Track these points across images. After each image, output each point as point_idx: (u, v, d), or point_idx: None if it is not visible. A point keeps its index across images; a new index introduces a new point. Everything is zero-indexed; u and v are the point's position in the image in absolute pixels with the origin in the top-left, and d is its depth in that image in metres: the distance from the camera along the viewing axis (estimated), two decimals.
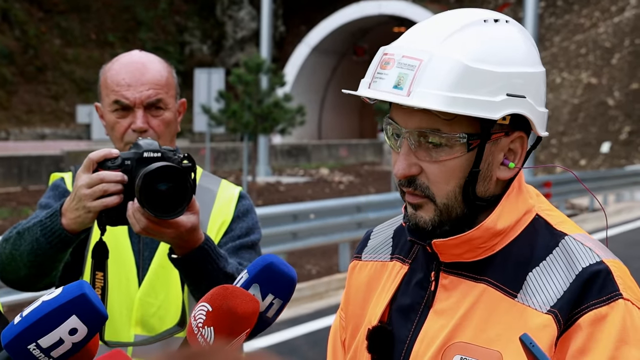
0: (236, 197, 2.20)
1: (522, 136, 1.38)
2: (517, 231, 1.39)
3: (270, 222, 8.79)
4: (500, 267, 1.38)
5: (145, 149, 1.91)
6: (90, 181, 1.89)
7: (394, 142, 1.38)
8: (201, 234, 1.94)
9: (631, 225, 15.17)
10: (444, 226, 1.38)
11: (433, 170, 1.35)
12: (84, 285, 1.10)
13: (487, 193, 1.38)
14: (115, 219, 1.93)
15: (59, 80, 33.70)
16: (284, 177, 25.71)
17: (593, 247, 1.37)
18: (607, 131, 28.98)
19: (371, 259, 1.54)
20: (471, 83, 1.30)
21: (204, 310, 1.16)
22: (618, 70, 30.93)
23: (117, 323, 2.10)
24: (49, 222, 1.96)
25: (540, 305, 1.33)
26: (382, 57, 1.35)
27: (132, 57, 2.17)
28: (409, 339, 1.41)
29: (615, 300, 1.31)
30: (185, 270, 1.95)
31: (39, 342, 1.08)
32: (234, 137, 30.56)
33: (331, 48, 36.37)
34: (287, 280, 1.28)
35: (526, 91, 1.35)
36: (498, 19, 1.37)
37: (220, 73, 20.21)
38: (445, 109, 1.29)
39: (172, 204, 1.85)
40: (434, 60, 1.30)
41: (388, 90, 1.32)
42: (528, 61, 1.36)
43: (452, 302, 1.39)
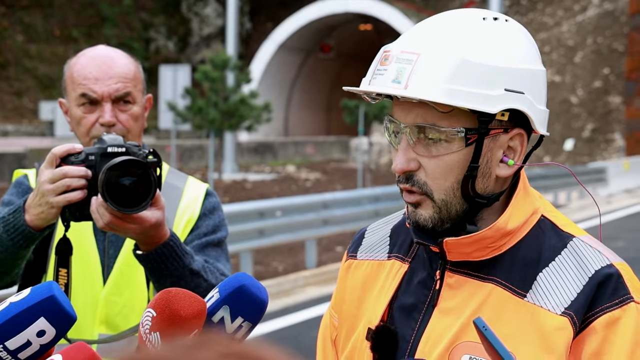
0: (203, 194, 2.19)
1: (521, 133, 1.37)
2: (525, 232, 1.39)
3: (237, 219, 8.77)
4: (508, 267, 1.37)
5: (110, 144, 1.89)
6: (53, 176, 1.87)
7: (394, 140, 1.38)
8: (166, 230, 1.93)
9: (594, 221, 15.39)
10: (445, 224, 1.37)
11: (431, 165, 1.34)
12: (52, 287, 1.09)
13: (486, 190, 1.37)
14: (79, 215, 1.91)
15: (21, 77, 33.27)
16: (250, 174, 25.66)
17: (601, 250, 1.38)
18: (570, 128, 29.35)
19: (367, 258, 1.53)
20: (469, 76, 1.30)
21: (150, 316, 1.16)
22: (581, 68, 31.33)
23: (81, 321, 2.08)
24: (12, 218, 1.93)
25: (553, 306, 1.33)
26: (382, 54, 1.36)
27: (98, 51, 2.15)
28: (413, 338, 1.40)
29: (627, 304, 1.33)
30: (150, 266, 1.94)
31: (6, 344, 1.07)
32: (200, 134, 30.42)
33: (297, 45, 36.37)
34: (257, 304, 1.27)
35: (525, 87, 1.34)
36: (497, 17, 1.37)
37: (186, 70, 20.11)
38: (442, 100, 1.28)
39: (136, 199, 1.83)
40: (432, 54, 1.30)
41: (387, 84, 1.32)
42: (527, 58, 1.36)
43: (458, 301, 1.38)
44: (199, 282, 1.98)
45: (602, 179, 20.19)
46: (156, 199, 1.87)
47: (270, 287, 8.79)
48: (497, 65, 1.32)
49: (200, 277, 1.99)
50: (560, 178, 18.13)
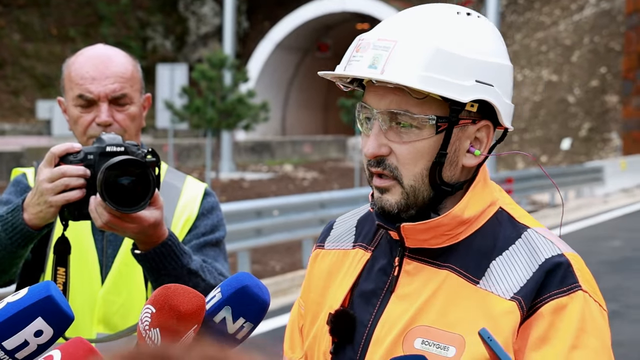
0: (201, 194, 2.19)
1: (488, 125, 1.43)
2: (481, 222, 1.44)
3: (234, 218, 8.77)
4: (463, 255, 1.42)
5: (108, 143, 1.89)
6: (51, 175, 1.87)
7: (366, 126, 1.42)
8: (165, 229, 1.93)
9: (591, 220, 15.39)
10: (410, 210, 1.42)
11: (402, 151, 1.39)
12: (50, 286, 1.09)
13: (452, 179, 1.42)
14: (78, 214, 1.91)
15: (18, 76, 33.22)
16: (247, 173, 25.65)
17: (554, 241, 1.43)
18: (567, 128, 29.36)
19: (333, 248, 1.58)
20: (443, 65, 1.35)
21: (149, 312, 1.16)
22: (578, 67, 31.35)
23: (79, 321, 2.08)
24: (10, 217, 1.93)
25: (503, 291, 1.38)
26: (357, 42, 1.40)
27: (96, 51, 2.15)
28: (371, 322, 1.46)
29: (575, 292, 1.37)
30: (148, 266, 1.94)
31: (4, 344, 1.07)
32: (197, 133, 30.41)
33: (295, 44, 36.35)
34: (259, 305, 1.27)
35: (494, 80, 1.39)
36: (470, 13, 1.43)
37: (183, 69, 20.10)
38: (418, 86, 1.34)
39: (134, 198, 1.83)
40: (408, 41, 1.35)
41: (363, 69, 1.37)
42: (496, 53, 1.42)
43: (415, 287, 1.43)
44: (197, 282, 1.98)
45: (599, 179, 20.20)
46: (155, 198, 1.87)
47: (268, 286, 8.75)
48: (469, 56, 1.37)
49: (198, 277, 1.99)
50: (556, 177, 18.13)
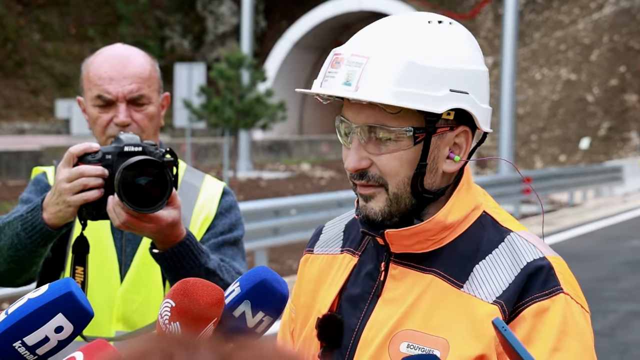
0: (220, 193, 2.20)
1: (466, 131, 1.44)
2: (465, 226, 1.46)
3: (252, 217, 8.78)
4: (447, 259, 1.44)
5: (126, 143, 1.90)
6: (70, 175, 1.89)
7: (346, 139, 1.45)
8: (183, 229, 1.94)
9: (610, 220, 15.29)
10: (394, 217, 1.44)
11: (383, 161, 1.41)
12: (70, 283, 1.09)
13: (433, 186, 1.44)
14: (96, 214, 1.92)
15: (38, 75, 33.43)
16: (265, 172, 25.67)
17: (536, 244, 1.44)
18: (586, 127, 29.18)
19: (322, 252, 1.60)
20: (416, 78, 1.37)
21: (168, 306, 1.17)
22: (597, 66, 31.15)
23: (99, 319, 2.09)
24: (30, 216, 1.94)
25: (486, 295, 1.40)
26: (333, 57, 1.42)
27: (114, 51, 2.16)
28: (358, 326, 1.48)
29: (556, 294, 1.39)
30: (166, 265, 1.94)
31: (25, 339, 1.08)
32: (215, 133, 30.47)
33: (312, 43, 36.34)
34: (278, 298, 1.28)
35: (469, 88, 1.41)
36: (442, 20, 1.44)
37: (201, 68, 20.15)
38: (391, 102, 1.36)
39: (152, 198, 1.84)
40: (380, 57, 1.37)
41: (337, 87, 1.39)
42: (470, 60, 1.43)
43: (401, 292, 1.45)
44: (214, 282, 1.98)
45: (618, 178, 20.05)
46: (172, 198, 1.88)
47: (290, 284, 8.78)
48: (442, 67, 1.39)
49: (216, 276, 1.99)
50: (575, 177, 18.03)
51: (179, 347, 0.62)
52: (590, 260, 10.61)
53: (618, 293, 8.87)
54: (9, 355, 1.08)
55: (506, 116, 19.00)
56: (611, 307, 8.16)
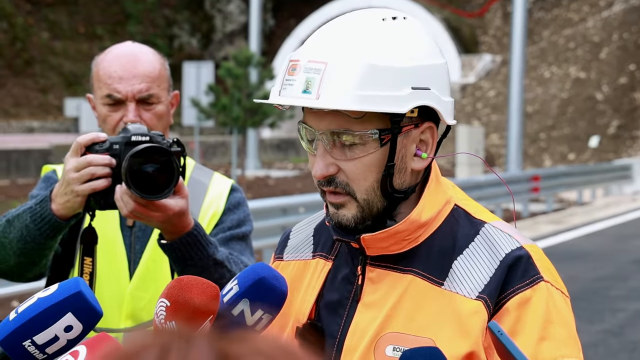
0: (228, 189, 2.20)
1: (431, 126, 1.43)
2: (439, 222, 1.45)
3: (260, 215, 8.78)
4: (425, 258, 1.43)
5: (134, 132, 1.91)
6: (78, 165, 1.89)
7: (309, 145, 1.42)
8: (191, 219, 1.94)
9: (619, 219, 15.24)
10: (366, 222, 1.42)
11: (350, 167, 1.40)
12: (79, 282, 1.10)
13: (403, 185, 1.43)
14: (104, 203, 1.93)
15: (47, 74, 33.52)
16: (273, 170, 25.68)
17: (512, 234, 1.44)
18: (595, 125, 29.09)
19: (293, 259, 1.58)
20: (376, 80, 1.34)
21: (163, 306, 1.16)
22: (606, 64, 31.04)
23: (108, 316, 2.10)
24: (39, 208, 1.95)
25: (468, 291, 1.39)
26: (289, 64, 1.40)
27: (124, 49, 2.16)
28: (340, 333, 1.46)
29: (537, 283, 1.39)
30: (175, 256, 1.95)
31: (35, 338, 1.08)
32: (223, 131, 30.50)
33: None
34: (277, 295, 1.27)
35: (430, 83, 1.39)
36: (396, 16, 1.42)
37: (210, 66, 20.17)
38: (354, 107, 1.34)
39: (159, 186, 1.84)
40: (338, 62, 1.35)
41: (298, 95, 1.37)
42: (429, 54, 1.41)
43: (380, 295, 1.44)
44: (222, 273, 1.99)
45: (628, 176, 19.99)
46: (180, 187, 1.88)
47: None
48: (401, 66, 1.37)
49: (224, 268, 2.00)
50: (584, 175, 17.97)
51: (177, 340, 0.62)
52: (599, 258, 10.57)
53: (627, 292, 8.85)
54: (18, 353, 1.08)
55: (515, 114, 18.96)
56: (620, 306, 8.13)
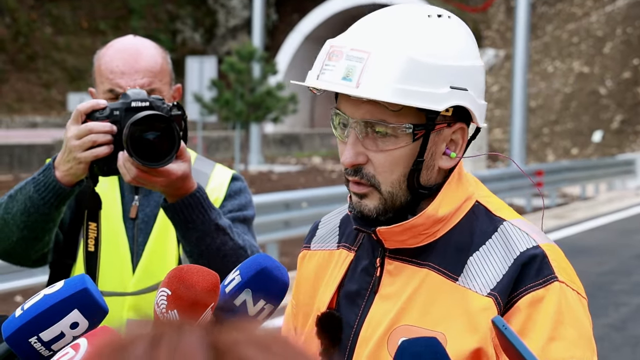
0: (229, 179, 2.22)
1: (463, 127, 1.44)
2: (458, 218, 1.45)
3: (263, 210, 8.78)
4: (442, 253, 1.44)
5: (133, 98, 1.92)
6: (79, 132, 1.91)
7: (341, 132, 1.43)
8: (194, 182, 1.96)
9: (623, 213, 15.22)
10: (388, 214, 1.43)
11: (379, 159, 1.40)
12: (85, 279, 1.10)
13: (429, 182, 1.44)
14: (107, 170, 1.94)
15: (50, 69, 33.53)
16: (276, 165, 25.69)
17: (530, 232, 1.44)
18: (599, 120, 29.04)
19: (319, 248, 1.60)
20: (418, 76, 1.35)
21: (164, 295, 1.16)
22: (610, 59, 30.98)
23: (111, 307, 2.10)
24: (42, 177, 1.96)
25: (480, 288, 1.39)
26: (329, 49, 1.40)
27: (126, 43, 2.16)
28: (357, 323, 1.47)
29: (551, 283, 1.38)
30: (177, 218, 1.96)
31: (41, 335, 1.09)
32: (226, 126, 30.50)
33: (324, 36, 36.04)
34: (279, 286, 1.27)
35: (468, 84, 1.41)
36: (441, 14, 1.43)
37: (212, 61, 20.16)
38: (394, 100, 1.34)
39: (161, 153, 1.86)
40: (382, 53, 1.35)
41: (337, 81, 1.37)
42: (470, 55, 1.42)
43: (397, 287, 1.45)
44: (224, 240, 1.99)
45: (631, 171, 19.96)
46: (181, 151, 1.89)
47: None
48: (443, 64, 1.37)
49: (226, 235, 2.00)
50: (588, 170, 17.95)
51: (168, 330, 0.62)
52: (603, 253, 10.57)
53: (630, 286, 8.84)
54: (24, 350, 1.09)
55: (518, 109, 18.93)
56: (623, 300, 8.13)
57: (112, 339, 0.63)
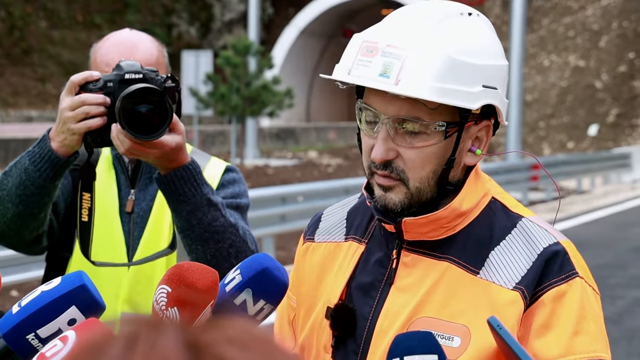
0: (222, 170, 2.22)
1: (489, 125, 1.47)
2: (477, 212, 1.48)
3: (259, 204, 8.79)
4: (462, 246, 1.46)
5: (127, 70, 1.92)
6: (72, 104, 1.91)
7: (368, 127, 1.43)
8: (187, 156, 1.96)
9: (618, 207, 15.25)
10: (412, 208, 1.45)
11: (410, 155, 1.42)
12: (83, 276, 1.10)
13: (455, 178, 1.47)
14: (100, 141, 1.95)
15: (45, 63, 33.46)
16: (272, 160, 25.68)
17: (548, 229, 1.48)
18: (594, 114, 29.07)
19: (325, 240, 1.60)
20: (454, 74, 1.38)
21: (164, 292, 1.16)
22: (606, 52, 31.00)
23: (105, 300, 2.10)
24: (38, 149, 1.97)
25: (505, 282, 1.42)
26: (362, 44, 1.39)
27: (122, 36, 2.17)
28: (371, 315, 1.48)
29: (573, 279, 1.43)
30: (168, 190, 1.96)
31: (38, 332, 1.08)
32: (222, 120, 30.49)
33: (320, 30, 36.26)
34: (279, 286, 1.28)
35: (497, 83, 1.44)
36: (471, 12, 1.45)
37: (208, 55, 20.14)
38: (434, 98, 1.36)
39: (153, 126, 1.86)
40: (420, 51, 1.36)
41: (374, 77, 1.37)
42: (498, 54, 1.46)
43: (414, 279, 1.46)
44: (216, 215, 1.99)
45: (627, 165, 20.00)
46: (175, 124, 1.90)
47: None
48: (477, 63, 1.40)
49: (217, 211, 2.00)
50: (583, 164, 17.98)
51: (145, 329, 0.62)
52: (599, 246, 10.60)
53: (626, 280, 8.86)
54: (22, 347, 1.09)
55: (514, 103, 18.95)
56: (619, 294, 8.15)
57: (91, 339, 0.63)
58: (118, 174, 2.20)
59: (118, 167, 2.21)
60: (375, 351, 1.45)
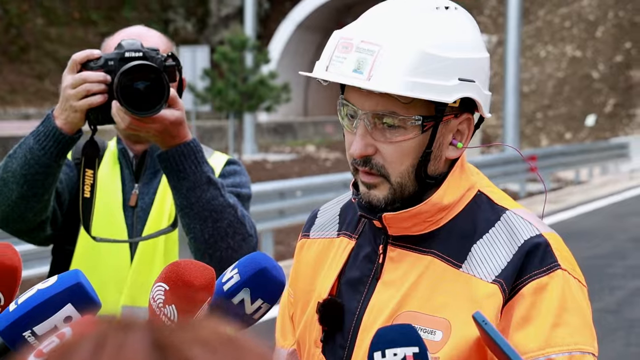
0: (224, 162, 2.24)
1: (469, 118, 1.47)
2: (461, 206, 1.48)
3: (257, 199, 8.78)
4: (445, 240, 1.46)
5: (127, 49, 1.96)
6: (74, 81, 1.95)
7: (349, 123, 1.44)
8: (189, 133, 2.00)
9: (617, 197, 15.27)
10: (396, 203, 1.45)
11: (388, 150, 1.42)
12: (79, 274, 1.11)
13: (436, 172, 1.46)
14: (102, 118, 1.98)
15: (42, 60, 33.41)
16: (270, 154, 25.67)
17: (532, 221, 1.47)
18: (592, 104, 29.07)
19: (319, 237, 1.61)
20: (428, 68, 1.38)
21: (162, 289, 1.17)
22: (602, 43, 30.98)
23: (107, 293, 2.15)
24: (42, 127, 2.00)
25: (485, 275, 1.42)
26: (338, 40, 1.41)
27: (131, 32, 2.21)
28: (359, 310, 1.49)
29: (554, 271, 1.41)
30: (169, 167, 1.99)
31: (35, 329, 1.09)
32: (220, 115, 30.46)
33: (316, 24, 36.21)
34: (277, 286, 1.29)
35: (475, 76, 1.43)
36: (448, 6, 1.45)
37: (205, 51, 20.12)
38: (406, 93, 1.36)
39: (150, 102, 1.89)
40: (393, 46, 1.37)
41: (348, 74, 1.38)
42: (476, 47, 1.45)
43: (400, 274, 1.47)
44: (215, 194, 2.01)
45: (625, 155, 20.01)
46: (173, 100, 1.93)
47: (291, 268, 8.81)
48: (452, 56, 1.40)
49: (217, 190, 2.02)
50: (581, 154, 17.98)
51: (114, 330, 0.62)
52: (597, 237, 10.61)
53: (624, 270, 8.88)
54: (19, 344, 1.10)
55: (511, 94, 18.94)
56: (617, 284, 8.17)
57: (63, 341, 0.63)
58: (122, 168, 2.23)
59: (123, 162, 2.24)
60: (361, 345, 1.46)
